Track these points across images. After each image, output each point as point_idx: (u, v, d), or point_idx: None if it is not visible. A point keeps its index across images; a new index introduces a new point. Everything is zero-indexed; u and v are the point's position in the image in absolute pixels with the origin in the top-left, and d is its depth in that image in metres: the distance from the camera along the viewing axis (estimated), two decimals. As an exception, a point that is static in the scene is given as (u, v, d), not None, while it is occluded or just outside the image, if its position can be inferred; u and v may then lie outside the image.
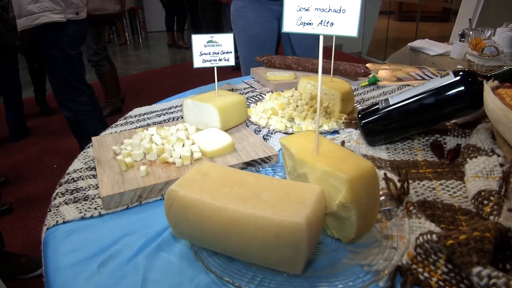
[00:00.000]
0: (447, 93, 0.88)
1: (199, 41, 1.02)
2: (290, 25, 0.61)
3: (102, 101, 4.02)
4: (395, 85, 1.47)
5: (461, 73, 0.89)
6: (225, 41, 1.03)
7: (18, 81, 3.48)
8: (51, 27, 2.41)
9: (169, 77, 5.37)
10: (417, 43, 2.17)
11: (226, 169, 0.66)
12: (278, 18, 1.91)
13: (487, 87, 0.76)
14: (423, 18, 6.28)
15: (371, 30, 7.12)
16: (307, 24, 0.60)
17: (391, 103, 0.94)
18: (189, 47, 7.22)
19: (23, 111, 3.61)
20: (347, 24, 0.58)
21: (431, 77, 1.55)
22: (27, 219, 2.42)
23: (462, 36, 2.20)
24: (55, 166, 3.07)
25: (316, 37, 0.60)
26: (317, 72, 1.53)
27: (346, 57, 6.51)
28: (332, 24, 0.58)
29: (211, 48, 1.03)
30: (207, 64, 1.04)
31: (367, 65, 1.68)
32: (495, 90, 0.76)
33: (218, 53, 1.03)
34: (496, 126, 0.74)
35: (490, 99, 0.73)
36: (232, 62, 1.05)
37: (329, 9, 0.58)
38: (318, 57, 0.62)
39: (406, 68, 1.67)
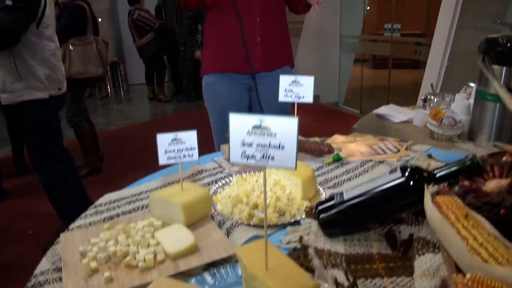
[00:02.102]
0: (395, 190, 0.95)
1: (163, 139, 1.08)
2: (235, 157, 0.67)
3: (80, 159, 4.04)
4: (358, 160, 1.54)
5: (408, 169, 0.96)
6: (189, 138, 1.09)
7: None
8: (34, 102, 2.47)
9: (149, 133, 5.37)
10: (382, 110, 2.28)
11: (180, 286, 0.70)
12: (249, 90, 2.00)
13: (427, 193, 0.82)
14: (396, 65, 6.57)
15: (346, 80, 7.37)
16: (250, 157, 0.66)
17: (345, 199, 1.00)
18: (169, 100, 7.37)
19: (0, 172, 3.60)
20: (286, 158, 0.64)
21: (392, 150, 1.63)
22: (-1, 292, 2.37)
23: (425, 100, 2.32)
24: (30, 231, 3.03)
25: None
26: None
27: (323, 108, 6.69)
28: (273, 158, 0.64)
29: (175, 146, 1.08)
30: (172, 161, 1.09)
31: (334, 140, 1.76)
32: (434, 196, 0.82)
33: (182, 150, 1.09)
34: (435, 233, 0.79)
35: (429, 207, 0.79)
36: (196, 158, 1.11)
37: (270, 145, 0.64)
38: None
39: (369, 140, 1.76)
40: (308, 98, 1.27)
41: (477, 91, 1.87)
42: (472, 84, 2.22)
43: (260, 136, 0.64)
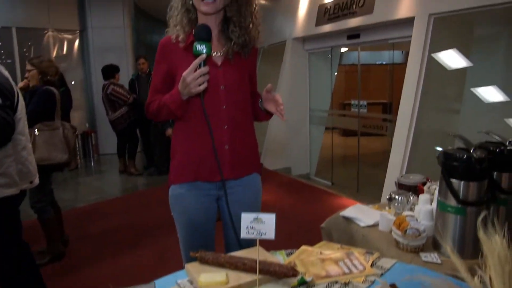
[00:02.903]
0: None
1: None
2: None
3: (42, 243, 3.90)
4: (324, 283, 1.53)
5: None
6: None
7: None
8: (3, 200, 2.39)
9: (119, 211, 5.29)
10: (349, 212, 2.30)
11: None
12: (217, 200, 1.99)
13: None
14: (364, 133, 6.76)
15: (317, 152, 7.53)
16: None
17: None
18: (140, 174, 7.29)
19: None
20: None
21: (358, 268, 1.63)
22: None
23: (390, 199, 2.37)
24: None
25: None
26: (248, 271, 1.57)
27: (294, 182, 6.74)
28: None
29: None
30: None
31: (300, 253, 1.75)
32: None
33: None
34: None
35: None
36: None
37: None
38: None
39: (336, 253, 1.75)
40: (270, 235, 1.27)
41: (438, 201, 1.92)
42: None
43: None
